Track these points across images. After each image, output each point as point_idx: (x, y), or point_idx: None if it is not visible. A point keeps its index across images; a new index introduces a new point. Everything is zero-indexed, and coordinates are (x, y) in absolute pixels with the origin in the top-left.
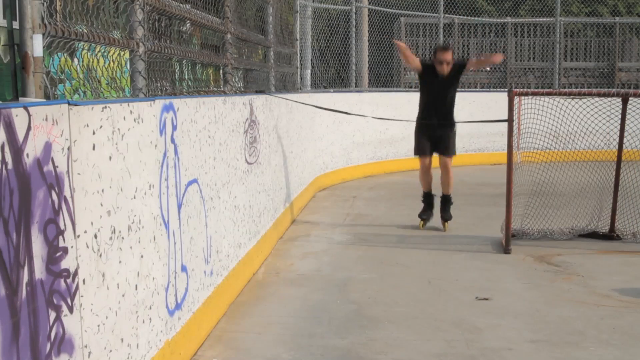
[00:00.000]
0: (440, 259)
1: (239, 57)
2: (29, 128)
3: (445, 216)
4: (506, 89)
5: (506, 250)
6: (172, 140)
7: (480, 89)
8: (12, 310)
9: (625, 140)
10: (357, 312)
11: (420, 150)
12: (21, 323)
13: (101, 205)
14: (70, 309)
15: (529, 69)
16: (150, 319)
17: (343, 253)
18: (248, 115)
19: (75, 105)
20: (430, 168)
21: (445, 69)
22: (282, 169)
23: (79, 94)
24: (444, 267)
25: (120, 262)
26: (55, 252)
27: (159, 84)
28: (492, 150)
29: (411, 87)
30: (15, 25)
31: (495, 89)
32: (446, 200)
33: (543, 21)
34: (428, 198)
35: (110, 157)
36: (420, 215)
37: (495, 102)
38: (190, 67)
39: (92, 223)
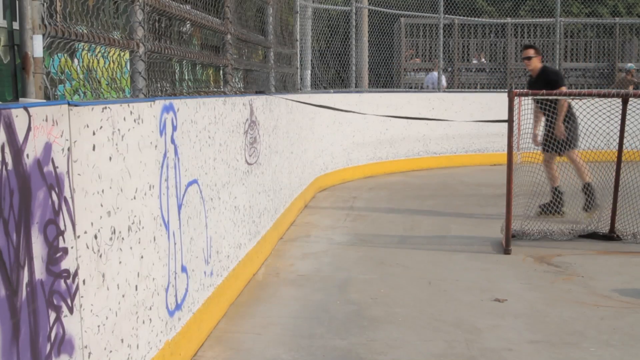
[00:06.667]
0: (440, 259)
1: (239, 58)
2: (29, 129)
3: None
4: (506, 90)
5: (506, 250)
6: (172, 141)
7: (481, 89)
8: (12, 310)
9: (625, 140)
10: (357, 312)
11: None
12: (21, 323)
13: (101, 205)
14: (70, 310)
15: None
16: (150, 319)
17: (343, 253)
18: (248, 115)
19: (76, 105)
20: None
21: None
22: (282, 169)
23: (79, 95)
24: (444, 267)
25: (120, 262)
26: (55, 253)
27: (159, 85)
28: (492, 151)
29: (411, 88)
30: (16, 25)
31: (495, 90)
32: None
33: (543, 22)
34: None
35: (110, 158)
36: None
37: (495, 103)
38: (190, 68)
39: (92, 223)
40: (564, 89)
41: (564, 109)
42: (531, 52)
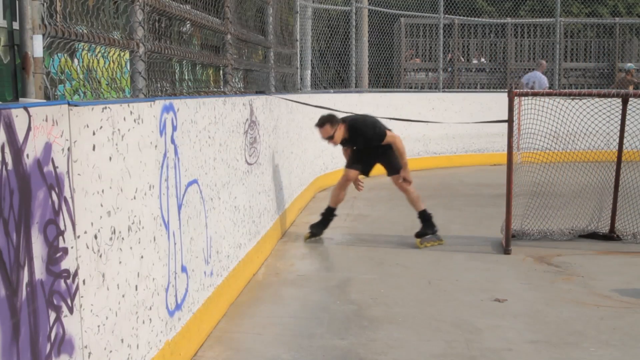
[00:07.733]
0: (440, 259)
1: (239, 58)
2: (29, 128)
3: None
4: (506, 90)
5: (506, 250)
6: (172, 141)
7: (481, 90)
8: (12, 310)
9: (625, 140)
10: (357, 312)
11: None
12: (21, 324)
13: (101, 205)
14: (70, 310)
15: (529, 69)
16: (150, 319)
17: (343, 253)
18: (248, 115)
19: (76, 105)
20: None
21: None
22: (282, 169)
23: (79, 95)
24: (444, 267)
25: (120, 262)
26: (55, 253)
27: (159, 85)
28: (493, 151)
29: (411, 88)
30: (16, 25)
31: (495, 90)
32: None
33: (543, 22)
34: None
35: (110, 158)
36: None
37: (495, 103)
38: (190, 68)
39: (92, 223)
40: (389, 132)
41: (404, 151)
42: (328, 128)
